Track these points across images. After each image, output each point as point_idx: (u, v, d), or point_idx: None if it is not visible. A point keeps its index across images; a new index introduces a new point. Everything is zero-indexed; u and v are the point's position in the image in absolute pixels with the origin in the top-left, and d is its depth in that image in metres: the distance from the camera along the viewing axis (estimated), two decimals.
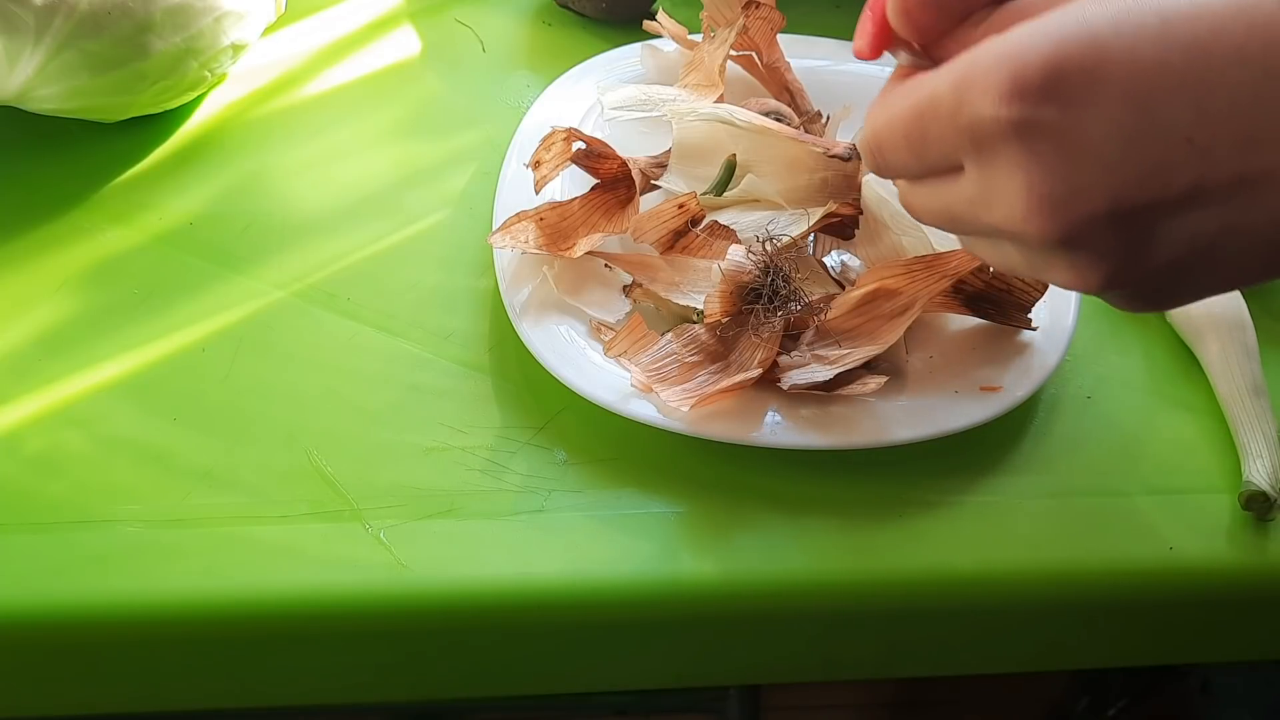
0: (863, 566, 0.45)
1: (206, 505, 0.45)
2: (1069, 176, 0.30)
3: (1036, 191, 0.30)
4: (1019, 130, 0.30)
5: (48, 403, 0.48)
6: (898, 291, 0.47)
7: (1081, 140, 0.29)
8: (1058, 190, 0.30)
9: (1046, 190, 0.30)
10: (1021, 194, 0.30)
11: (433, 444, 0.47)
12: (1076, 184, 0.30)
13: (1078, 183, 0.30)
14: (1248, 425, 0.48)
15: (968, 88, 0.30)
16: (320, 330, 0.51)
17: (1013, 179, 0.30)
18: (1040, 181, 0.30)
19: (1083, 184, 0.30)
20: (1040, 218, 0.30)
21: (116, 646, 0.43)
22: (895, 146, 0.34)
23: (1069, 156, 0.29)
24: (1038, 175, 0.30)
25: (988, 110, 0.30)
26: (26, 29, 0.51)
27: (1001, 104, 0.29)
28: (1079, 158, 0.29)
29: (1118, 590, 0.46)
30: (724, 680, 0.51)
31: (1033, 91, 0.29)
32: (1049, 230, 0.30)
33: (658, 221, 0.49)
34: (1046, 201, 0.30)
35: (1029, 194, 0.30)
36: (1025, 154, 0.30)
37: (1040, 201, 0.30)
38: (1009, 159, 0.30)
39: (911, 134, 0.33)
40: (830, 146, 0.51)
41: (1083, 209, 0.30)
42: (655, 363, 0.47)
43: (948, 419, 0.46)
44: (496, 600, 0.43)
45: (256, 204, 0.56)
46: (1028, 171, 0.30)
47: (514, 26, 0.68)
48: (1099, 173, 0.29)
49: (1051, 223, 0.30)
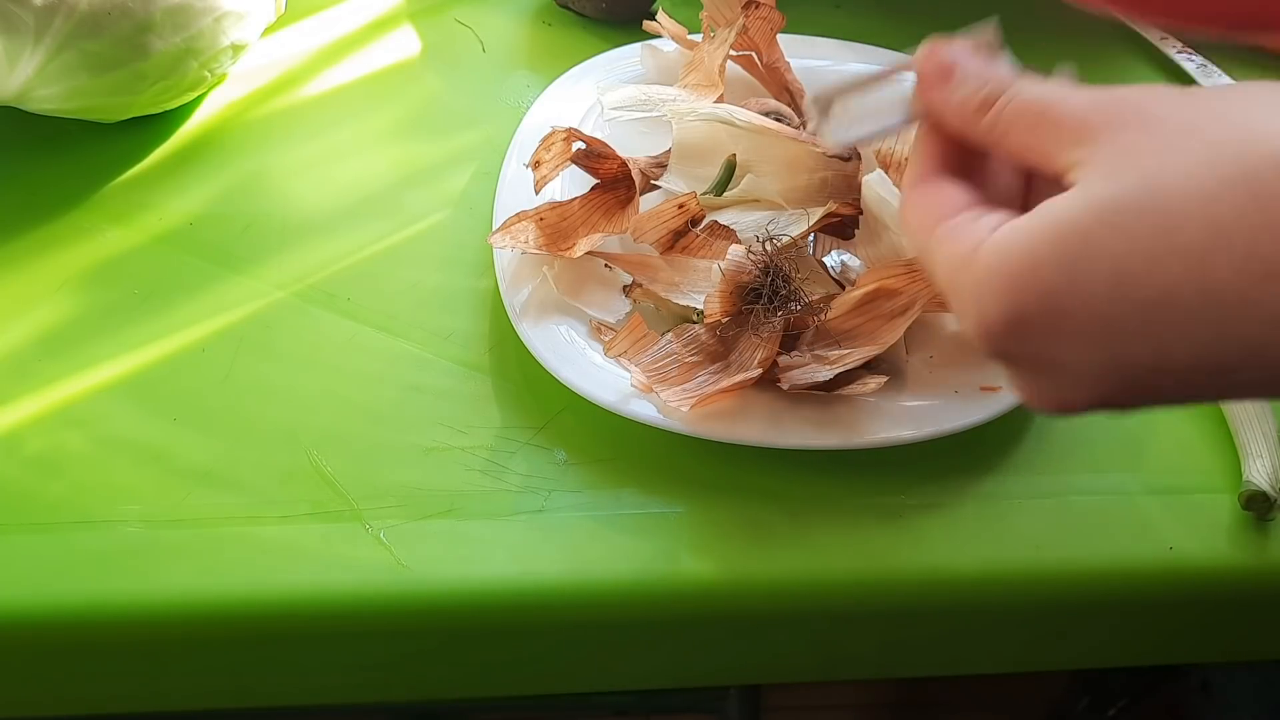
0: (863, 566, 0.45)
1: (206, 505, 0.45)
2: (1051, 388, 0.32)
3: (1028, 397, 0.33)
4: (995, 357, 0.32)
5: (48, 403, 0.48)
6: (898, 291, 0.47)
7: (1056, 369, 0.31)
8: (1046, 400, 0.33)
9: (1036, 399, 0.33)
10: (1017, 390, 0.34)
11: (433, 444, 0.47)
12: (1061, 397, 0.32)
13: (1061, 396, 0.32)
14: (1248, 425, 0.48)
15: (954, 297, 0.33)
16: (320, 330, 0.51)
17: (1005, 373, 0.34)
18: (1025, 388, 0.33)
19: (1066, 396, 0.32)
20: (1040, 411, 0.35)
21: (116, 646, 0.43)
22: (915, 249, 0.38)
23: (1047, 378, 0.32)
24: (1021, 384, 0.33)
25: (968, 330, 0.32)
26: (26, 29, 0.51)
27: (976, 337, 0.32)
28: (1055, 378, 0.32)
29: (1118, 590, 0.46)
30: (724, 680, 0.51)
31: (998, 335, 0.31)
32: (1048, 412, 0.34)
33: (658, 221, 0.49)
34: (1039, 404, 0.33)
35: (1024, 395, 0.34)
36: (1007, 369, 0.33)
37: (1035, 404, 0.33)
38: (998, 364, 0.34)
39: (915, 248, 0.37)
40: (830, 146, 0.51)
41: (1074, 408, 0.32)
42: (655, 363, 0.47)
43: (948, 419, 0.46)
44: (496, 600, 0.43)
45: (256, 204, 0.56)
46: (1012, 379, 0.34)
47: (514, 26, 0.68)
48: (1078, 389, 0.31)
49: (1051, 414, 0.35)
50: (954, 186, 0.35)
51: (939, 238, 0.34)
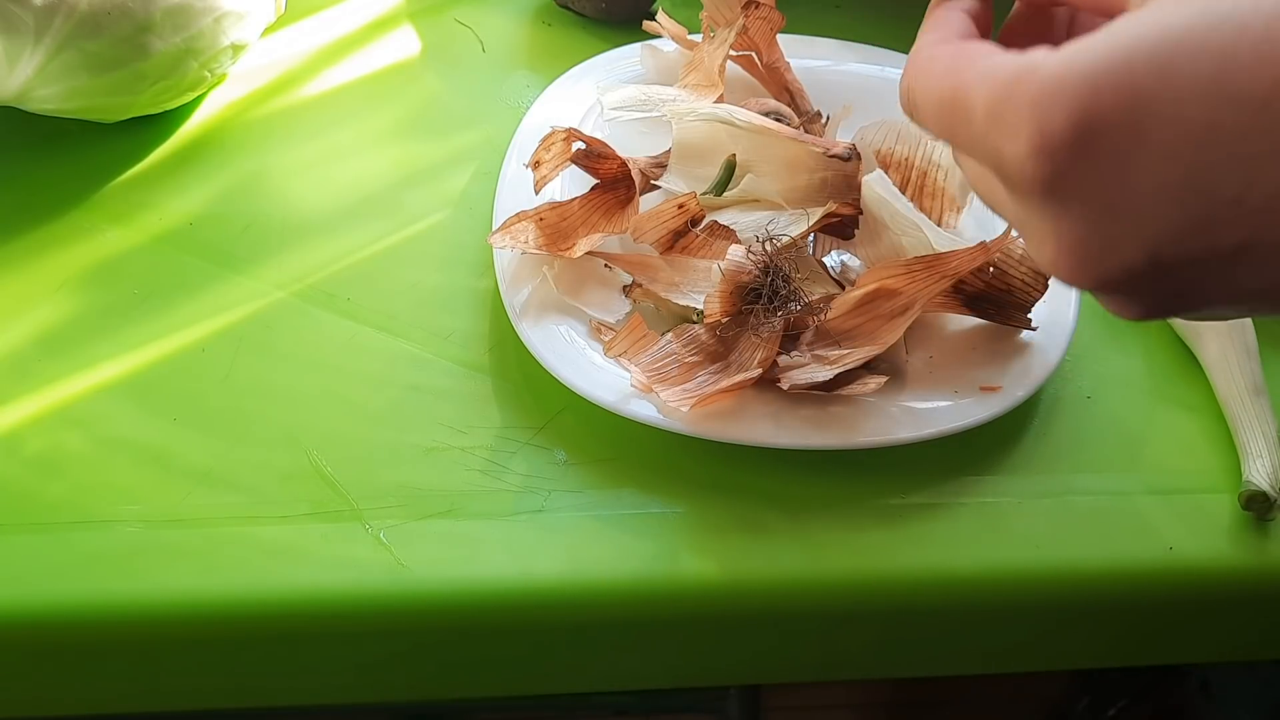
0: (863, 566, 0.45)
1: (206, 505, 0.45)
2: (1102, 230, 0.28)
3: (1066, 243, 0.28)
4: (1048, 188, 0.27)
5: (48, 403, 0.48)
6: (898, 291, 0.47)
7: (1116, 197, 0.27)
8: (1090, 244, 0.28)
9: (1078, 245, 0.28)
10: (1051, 242, 0.29)
11: (433, 444, 0.47)
12: (1110, 238, 0.27)
13: (1112, 236, 0.27)
14: (1248, 425, 0.48)
15: (998, 121, 0.28)
16: (320, 330, 0.51)
17: (1042, 223, 0.29)
18: (1071, 236, 0.28)
19: (1117, 238, 0.27)
20: (1073, 270, 0.29)
21: (116, 646, 0.43)
22: (926, 115, 0.32)
23: (1102, 212, 0.27)
24: (1068, 229, 0.28)
25: (1016, 157, 0.28)
26: (26, 29, 0.51)
27: (1029, 157, 0.27)
28: (1113, 213, 0.27)
29: (1118, 590, 0.46)
30: (724, 680, 0.51)
31: (1063, 149, 0.27)
32: (1082, 282, 0.29)
33: (658, 221, 0.49)
34: (1077, 254, 0.28)
35: (1058, 245, 0.28)
36: (1055, 207, 0.28)
37: (1070, 254, 0.28)
38: (1038, 207, 0.28)
39: (941, 120, 0.31)
40: (830, 146, 0.51)
41: (1117, 262, 0.28)
42: (655, 363, 0.47)
43: (948, 419, 0.46)
44: (496, 600, 0.43)
45: (256, 204, 0.56)
46: (1057, 223, 0.28)
47: (514, 26, 0.68)
48: (1135, 227, 0.27)
49: (1084, 275, 0.29)
50: (985, 42, 0.31)
51: (980, 68, 0.29)
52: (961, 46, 0.31)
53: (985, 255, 0.47)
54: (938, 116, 0.31)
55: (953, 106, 0.30)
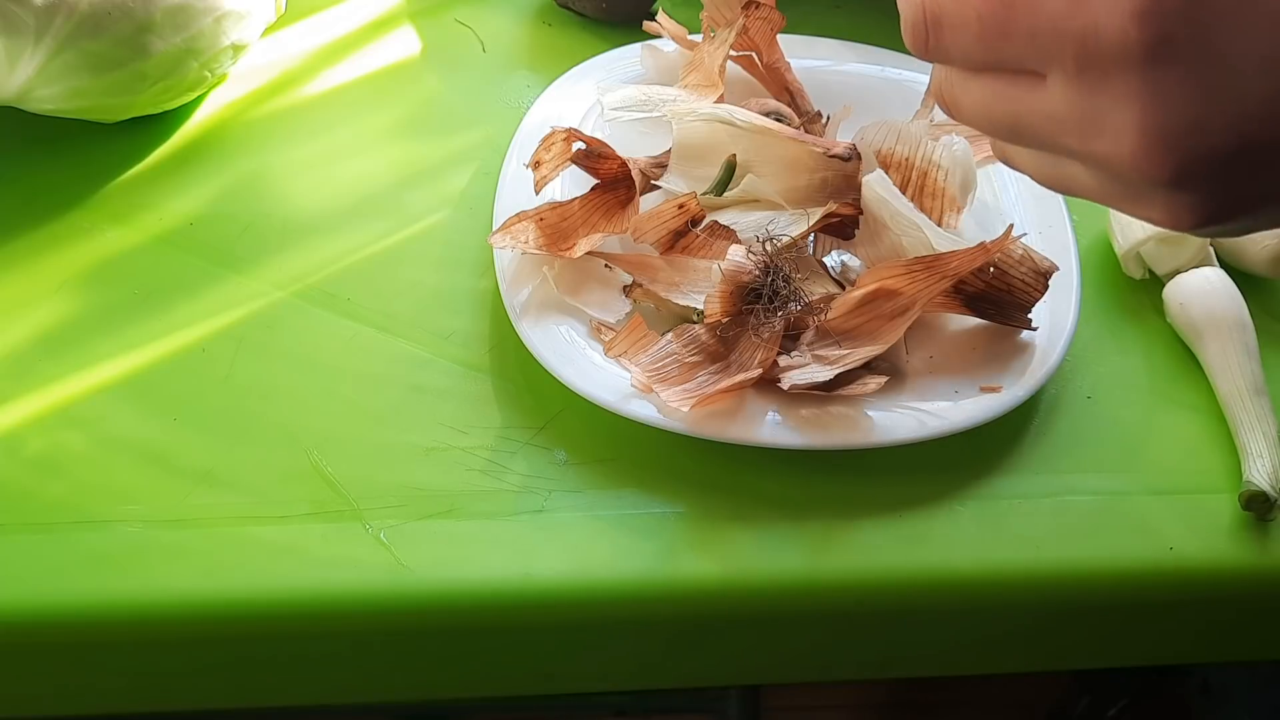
0: (863, 566, 0.45)
1: (206, 505, 0.45)
2: (1196, 109, 0.25)
3: (1155, 125, 0.26)
4: (1149, 54, 0.25)
5: (48, 403, 0.48)
6: (898, 292, 0.47)
7: (1219, 67, 0.25)
8: (1180, 125, 0.26)
9: (1167, 125, 0.26)
10: (1134, 127, 0.26)
11: (433, 444, 0.47)
12: (1203, 118, 0.25)
13: (1204, 117, 0.25)
14: (1248, 425, 0.48)
15: (1080, 14, 0.26)
16: (320, 330, 0.51)
17: (1127, 109, 0.26)
18: (1162, 116, 0.26)
19: (1210, 118, 0.25)
20: (1153, 156, 0.26)
21: (117, 646, 0.43)
22: (963, 24, 0.28)
23: (1201, 86, 0.25)
24: (1160, 108, 0.26)
25: (1114, 21, 0.25)
26: (26, 29, 0.51)
27: (1134, 19, 0.25)
28: (1212, 87, 0.25)
29: (1118, 590, 0.46)
30: (724, 680, 0.51)
31: (1171, 13, 0.25)
32: (1160, 170, 0.26)
33: (658, 221, 0.49)
34: (1165, 138, 0.26)
35: (1144, 128, 0.26)
36: (1150, 82, 0.25)
37: (1157, 138, 0.26)
38: (1127, 85, 0.26)
39: (991, 17, 0.28)
40: (830, 146, 0.51)
41: (1205, 147, 0.26)
42: (655, 363, 0.47)
43: (948, 419, 0.46)
44: (496, 600, 0.43)
45: (256, 204, 0.56)
46: (1149, 102, 0.26)
47: (514, 26, 0.68)
48: (1230, 105, 0.25)
49: (1165, 161, 0.26)
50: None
51: None
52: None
53: (985, 255, 0.47)
54: (985, 12, 0.28)
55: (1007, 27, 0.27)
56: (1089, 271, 0.55)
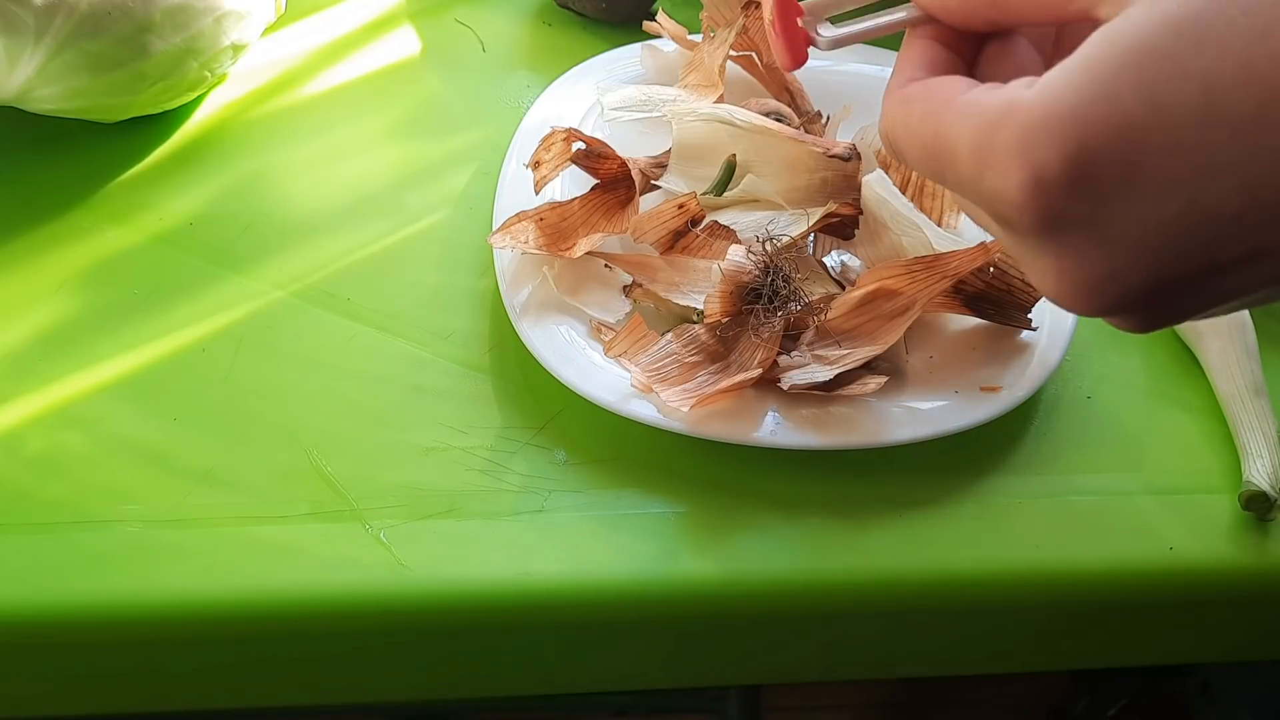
0: (863, 566, 0.45)
1: (206, 505, 0.45)
2: (1104, 262, 0.27)
3: (1069, 278, 0.28)
4: (1046, 225, 0.27)
5: (48, 403, 0.48)
6: (898, 292, 0.47)
7: (1115, 229, 0.26)
8: (1092, 276, 0.27)
9: (1080, 278, 0.28)
10: (1051, 275, 0.28)
11: (433, 444, 0.47)
12: (1113, 269, 0.27)
13: (1114, 268, 0.27)
14: (1248, 425, 0.48)
15: (985, 164, 0.27)
16: (320, 330, 0.51)
17: (1041, 259, 0.28)
18: (1072, 270, 0.28)
19: (1120, 268, 0.27)
20: (1078, 300, 0.28)
21: (116, 646, 0.43)
22: (912, 159, 0.31)
23: (1102, 245, 0.27)
24: (1068, 264, 0.28)
25: (1009, 196, 0.27)
26: (26, 29, 0.51)
27: (1022, 198, 0.27)
28: (1114, 245, 0.27)
29: (1118, 590, 0.46)
30: (724, 680, 0.51)
31: (1056, 187, 0.26)
32: (1084, 309, 0.29)
33: (658, 221, 0.49)
34: (1080, 287, 0.28)
35: (1059, 279, 0.28)
36: (1052, 244, 0.27)
37: (1073, 287, 0.28)
38: (1038, 245, 0.28)
39: (928, 166, 0.30)
40: (830, 146, 0.51)
41: (1121, 290, 0.27)
42: (655, 363, 0.47)
43: (948, 419, 0.46)
44: (496, 600, 0.43)
45: (256, 204, 0.56)
46: (1057, 259, 0.28)
47: (514, 26, 0.68)
48: (1137, 256, 0.27)
49: (1087, 304, 0.28)
50: (956, 77, 0.30)
51: (958, 109, 0.29)
52: (933, 85, 0.30)
53: (985, 255, 0.47)
54: (923, 162, 0.30)
55: (936, 151, 0.29)
56: None
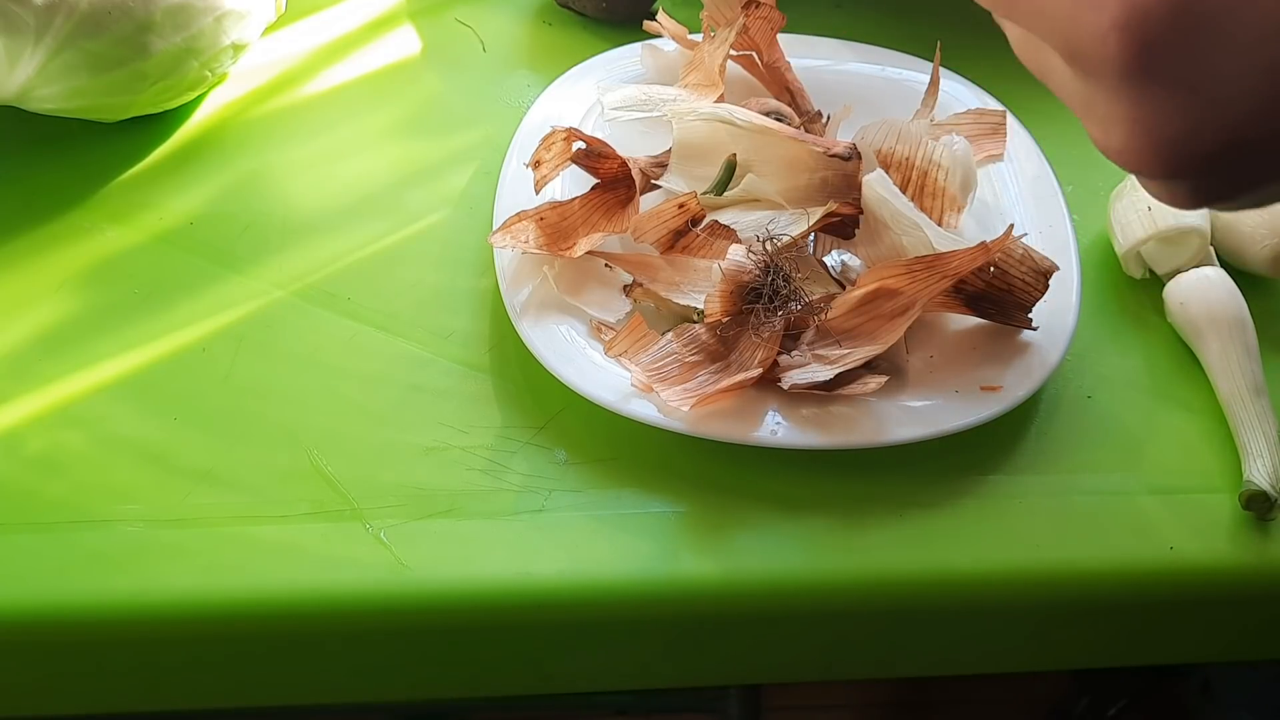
0: (863, 566, 0.45)
1: (206, 505, 0.45)
2: (1185, 115, 0.26)
3: (1143, 128, 0.27)
4: (1130, 66, 0.26)
5: (48, 403, 0.48)
6: (898, 291, 0.47)
7: (1204, 80, 0.25)
8: (1169, 132, 0.26)
9: (1155, 132, 0.27)
10: (1122, 127, 0.27)
11: (433, 444, 0.47)
12: (1193, 123, 0.26)
13: (1195, 121, 0.26)
14: (1248, 425, 0.48)
15: (1079, 17, 0.26)
16: (320, 330, 0.51)
17: (1113, 106, 0.27)
18: (1148, 120, 0.27)
19: (1200, 123, 0.26)
20: (1144, 156, 0.27)
21: (116, 646, 0.43)
22: None
23: (1188, 96, 0.26)
24: (1146, 113, 0.26)
25: (1097, 30, 0.26)
26: (27, 29, 0.51)
27: (1114, 32, 0.25)
28: (1199, 97, 0.26)
29: (1118, 590, 0.46)
30: (724, 680, 0.51)
31: (1155, 25, 0.25)
32: (1150, 169, 0.28)
33: (658, 221, 0.49)
34: (1155, 140, 0.27)
35: (1132, 130, 0.27)
36: (1133, 89, 0.26)
37: (1147, 139, 0.27)
38: (1113, 89, 0.27)
39: None
40: (830, 146, 0.51)
41: (1196, 148, 0.26)
42: (655, 363, 0.47)
43: (948, 419, 0.46)
44: (496, 600, 0.43)
45: (256, 204, 0.56)
46: (1133, 106, 0.26)
47: (514, 26, 0.68)
48: (1221, 112, 0.26)
49: (1156, 160, 0.27)
50: None
51: None
52: None
53: (986, 255, 0.47)
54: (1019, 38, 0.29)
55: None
56: (1089, 271, 0.55)
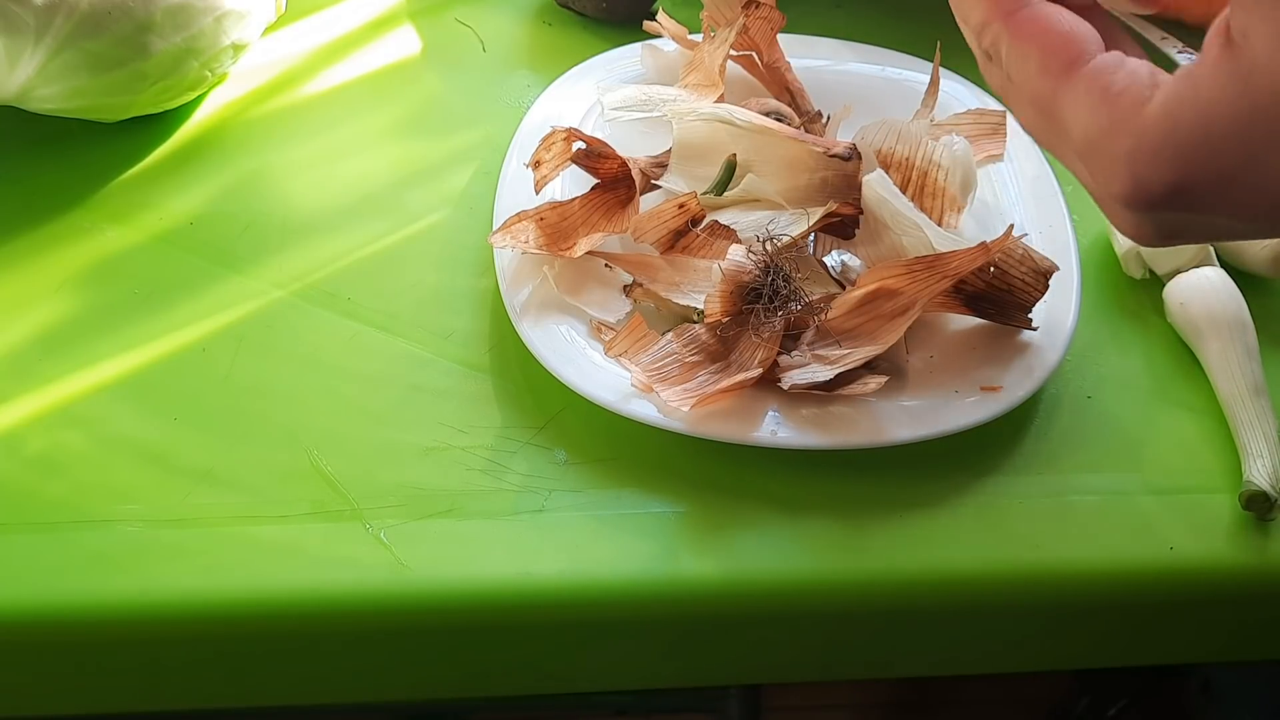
0: (863, 566, 0.44)
1: (206, 505, 0.45)
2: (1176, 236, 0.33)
3: (1138, 235, 0.33)
4: (1134, 215, 0.32)
5: (48, 403, 0.48)
6: (898, 291, 0.47)
7: (1194, 228, 0.32)
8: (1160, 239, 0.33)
9: (1148, 238, 0.33)
10: (1128, 230, 0.33)
11: (433, 444, 0.47)
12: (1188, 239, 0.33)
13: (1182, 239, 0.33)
14: (1248, 425, 0.48)
15: (1096, 152, 0.31)
16: (320, 330, 0.51)
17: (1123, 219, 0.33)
18: (1144, 233, 0.33)
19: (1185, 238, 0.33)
20: (1131, 232, 0.33)
21: (116, 646, 0.43)
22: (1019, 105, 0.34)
23: (1186, 233, 0.32)
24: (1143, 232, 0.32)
25: (1108, 189, 0.31)
26: (27, 29, 0.51)
27: (1121, 198, 0.31)
28: (1188, 234, 0.32)
29: (1118, 590, 0.46)
30: (724, 680, 0.51)
31: (1155, 202, 0.30)
32: (1136, 239, 0.33)
33: (658, 221, 0.49)
34: (1144, 239, 0.33)
35: (1136, 235, 0.33)
36: (1140, 222, 0.32)
37: (1150, 241, 0.33)
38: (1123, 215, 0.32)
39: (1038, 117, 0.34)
40: (830, 146, 0.51)
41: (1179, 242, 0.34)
42: (655, 363, 0.47)
43: (948, 419, 0.46)
44: (496, 600, 0.43)
45: (256, 204, 0.56)
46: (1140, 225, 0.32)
47: (514, 26, 0.68)
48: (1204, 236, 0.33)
49: (1141, 238, 0.33)
50: (1076, 30, 0.32)
51: (1080, 81, 0.31)
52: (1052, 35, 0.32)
53: (986, 255, 0.47)
54: (1031, 114, 0.34)
55: (1048, 113, 0.33)
56: (1089, 271, 0.55)
